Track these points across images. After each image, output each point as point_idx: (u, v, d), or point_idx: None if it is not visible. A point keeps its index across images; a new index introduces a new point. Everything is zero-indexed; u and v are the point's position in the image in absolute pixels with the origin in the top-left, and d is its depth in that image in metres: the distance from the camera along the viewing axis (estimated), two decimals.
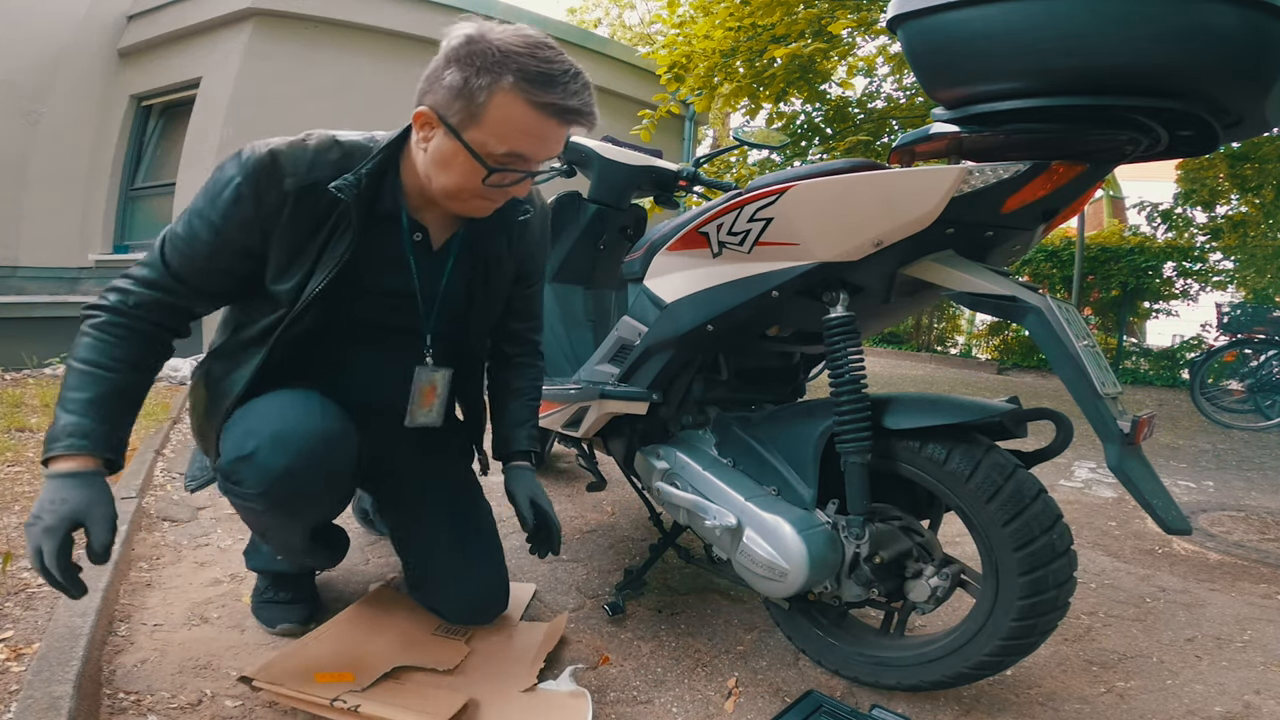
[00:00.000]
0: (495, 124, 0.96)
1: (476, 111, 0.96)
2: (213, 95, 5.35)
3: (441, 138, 0.99)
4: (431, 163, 1.02)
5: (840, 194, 1.05)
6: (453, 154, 0.99)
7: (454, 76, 0.95)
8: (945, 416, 1.07)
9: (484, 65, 0.93)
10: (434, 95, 0.98)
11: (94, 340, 1.02)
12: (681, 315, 1.29)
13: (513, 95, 0.94)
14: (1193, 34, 0.82)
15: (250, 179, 1.01)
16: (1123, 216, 9.73)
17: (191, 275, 1.06)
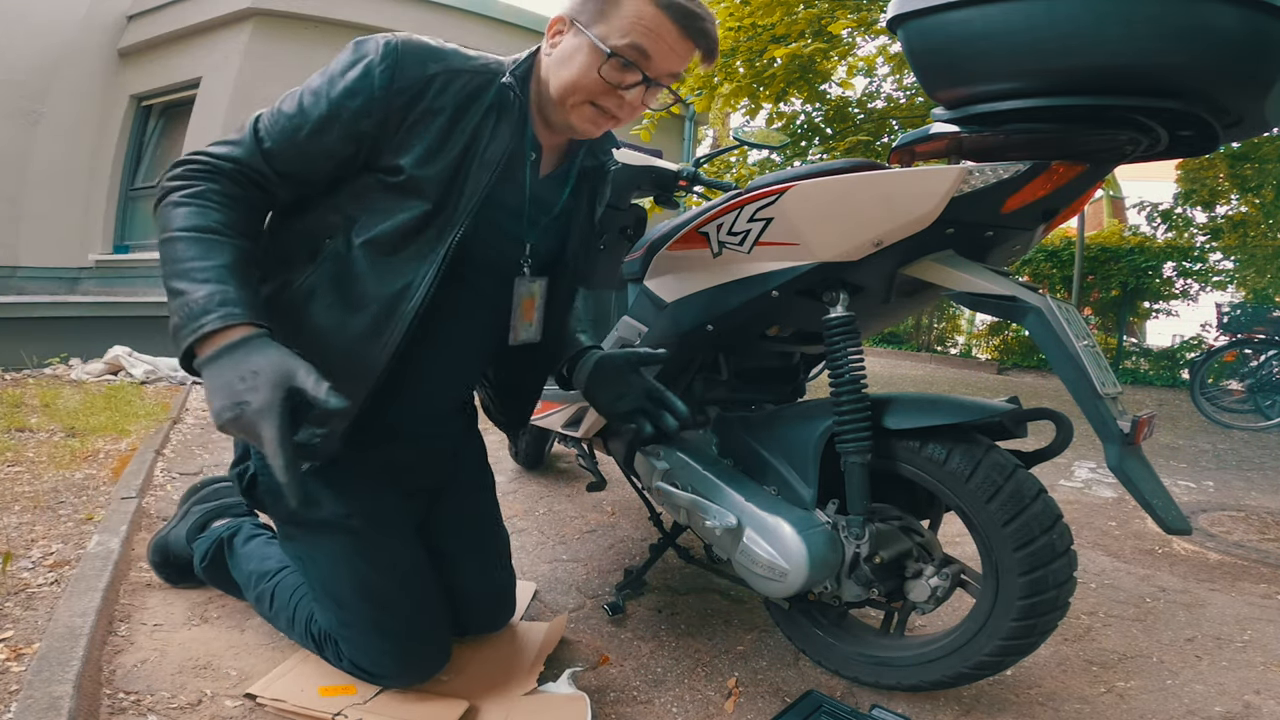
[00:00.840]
0: (620, 19, 0.98)
1: (605, 9, 0.98)
2: (213, 95, 5.36)
3: (570, 38, 1.01)
4: (555, 62, 1.03)
5: (840, 194, 1.05)
6: (576, 49, 1.01)
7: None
8: (945, 416, 1.07)
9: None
10: (571, 4, 1.01)
11: (197, 207, 0.92)
12: (681, 315, 1.29)
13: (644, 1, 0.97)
14: (1193, 34, 0.82)
15: (387, 57, 0.97)
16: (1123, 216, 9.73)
17: (285, 153, 0.99)
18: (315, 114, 0.97)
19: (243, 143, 0.98)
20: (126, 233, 6.12)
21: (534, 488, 2.33)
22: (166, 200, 0.94)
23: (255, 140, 0.98)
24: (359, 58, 0.98)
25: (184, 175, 0.95)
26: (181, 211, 0.92)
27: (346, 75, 0.97)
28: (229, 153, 0.97)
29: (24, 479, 2.02)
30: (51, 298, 4.93)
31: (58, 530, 1.65)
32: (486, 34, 6.00)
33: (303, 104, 0.98)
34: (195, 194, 0.93)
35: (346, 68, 0.98)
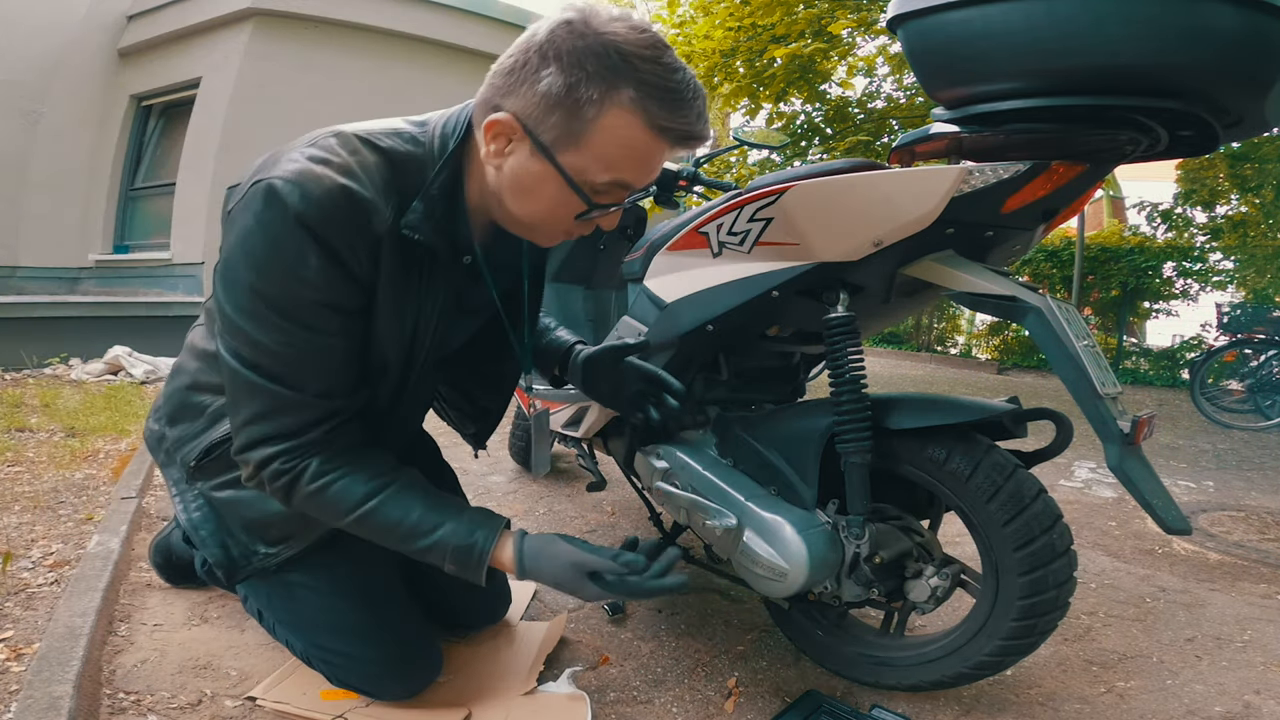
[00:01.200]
0: (602, 146, 0.77)
1: (580, 130, 0.76)
2: (213, 95, 5.36)
3: (526, 157, 0.80)
4: (509, 186, 0.83)
5: (840, 194, 1.05)
6: (541, 180, 0.80)
7: (554, 80, 0.74)
8: (945, 416, 1.07)
9: (597, 70, 0.73)
10: (520, 100, 0.77)
11: (340, 485, 0.87)
12: (681, 315, 1.28)
13: (630, 114, 0.75)
14: (1193, 34, 0.82)
15: (329, 228, 0.78)
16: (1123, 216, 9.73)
17: (339, 380, 0.87)
18: (322, 325, 0.84)
19: (285, 404, 0.86)
20: (126, 233, 6.12)
21: (534, 488, 2.33)
22: (297, 494, 0.89)
23: (295, 390, 0.86)
24: (295, 240, 0.78)
25: (288, 467, 0.88)
26: (327, 496, 0.88)
27: (303, 267, 0.80)
28: (290, 425, 0.87)
29: (24, 479, 2.01)
30: (51, 298, 4.93)
31: (58, 530, 1.65)
32: (487, 34, 6.00)
33: (286, 327, 0.83)
34: (318, 473, 0.88)
35: (291, 256, 0.79)
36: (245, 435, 0.87)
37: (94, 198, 6.03)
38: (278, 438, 0.86)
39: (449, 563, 0.91)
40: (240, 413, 0.86)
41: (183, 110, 5.66)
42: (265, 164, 0.82)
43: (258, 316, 0.81)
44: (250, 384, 0.83)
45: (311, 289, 0.80)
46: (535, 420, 1.25)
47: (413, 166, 0.86)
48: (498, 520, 0.94)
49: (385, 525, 0.89)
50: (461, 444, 1.37)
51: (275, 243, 0.78)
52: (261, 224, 0.78)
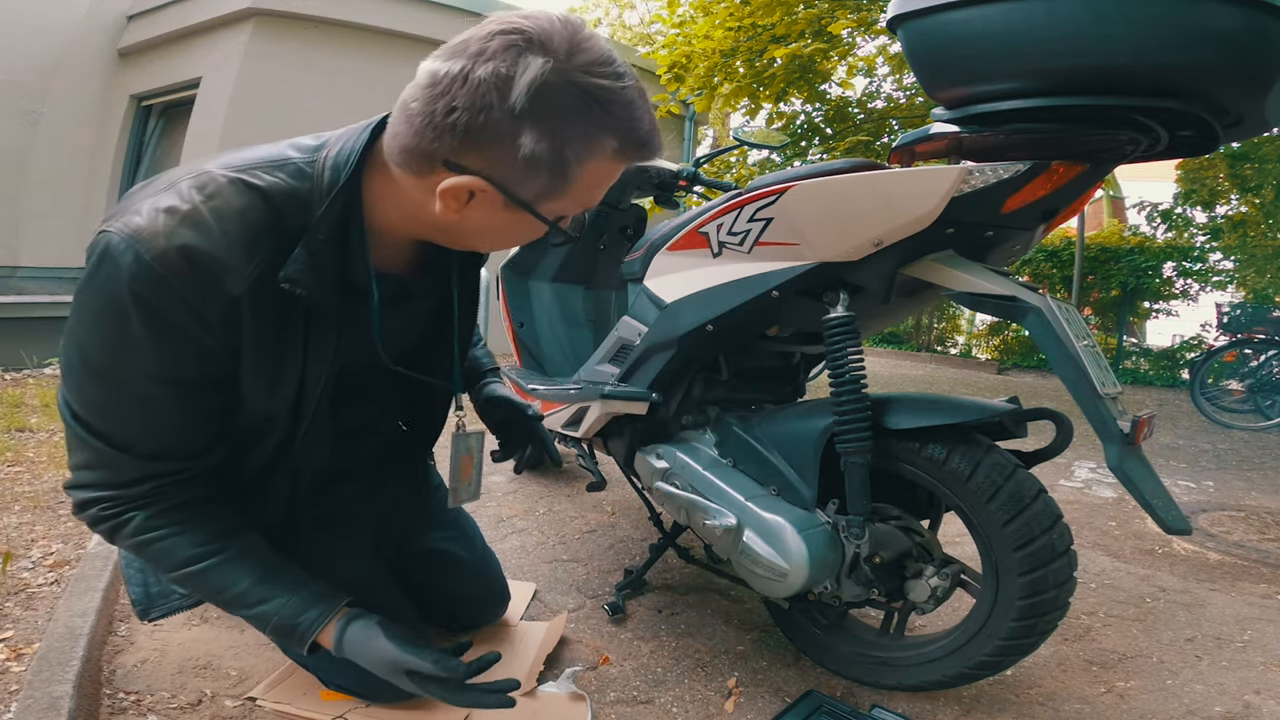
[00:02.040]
0: (580, 191, 0.77)
1: (563, 185, 0.75)
2: (213, 95, 5.36)
3: (499, 208, 0.77)
4: (472, 230, 0.81)
5: (840, 194, 1.05)
6: (513, 224, 0.79)
7: (536, 145, 0.70)
8: (945, 416, 1.07)
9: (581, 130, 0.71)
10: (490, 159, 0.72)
11: (164, 544, 0.85)
12: (681, 315, 1.29)
13: (611, 162, 0.76)
14: (1193, 34, 0.82)
15: (163, 297, 0.72)
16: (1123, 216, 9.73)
17: (174, 444, 0.83)
18: (156, 392, 0.79)
19: (113, 464, 0.82)
20: None
21: (534, 488, 2.33)
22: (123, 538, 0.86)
23: (120, 452, 0.83)
24: (128, 307, 0.73)
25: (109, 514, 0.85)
26: (157, 546, 0.85)
27: (134, 334, 0.74)
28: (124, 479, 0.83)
29: (24, 479, 2.02)
30: (51, 298, 4.92)
31: (58, 530, 1.65)
32: None
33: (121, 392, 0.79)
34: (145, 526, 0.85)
35: (124, 322, 0.73)
36: (72, 477, 0.85)
37: (94, 198, 6.03)
38: (99, 486, 0.83)
39: (270, 634, 0.90)
40: (70, 455, 0.84)
41: (183, 110, 5.66)
42: (123, 203, 0.77)
43: (84, 375, 0.78)
44: (76, 435, 0.81)
45: (138, 361, 0.75)
46: (456, 440, 1.13)
47: (293, 206, 0.78)
48: (332, 603, 0.90)
49: (211, 589, 0.88)
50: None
51: (102, 308, 0.73)
52: (93, 282, 0.73)
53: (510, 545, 1.82)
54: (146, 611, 1.04)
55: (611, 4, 16.03)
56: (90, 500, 0.84)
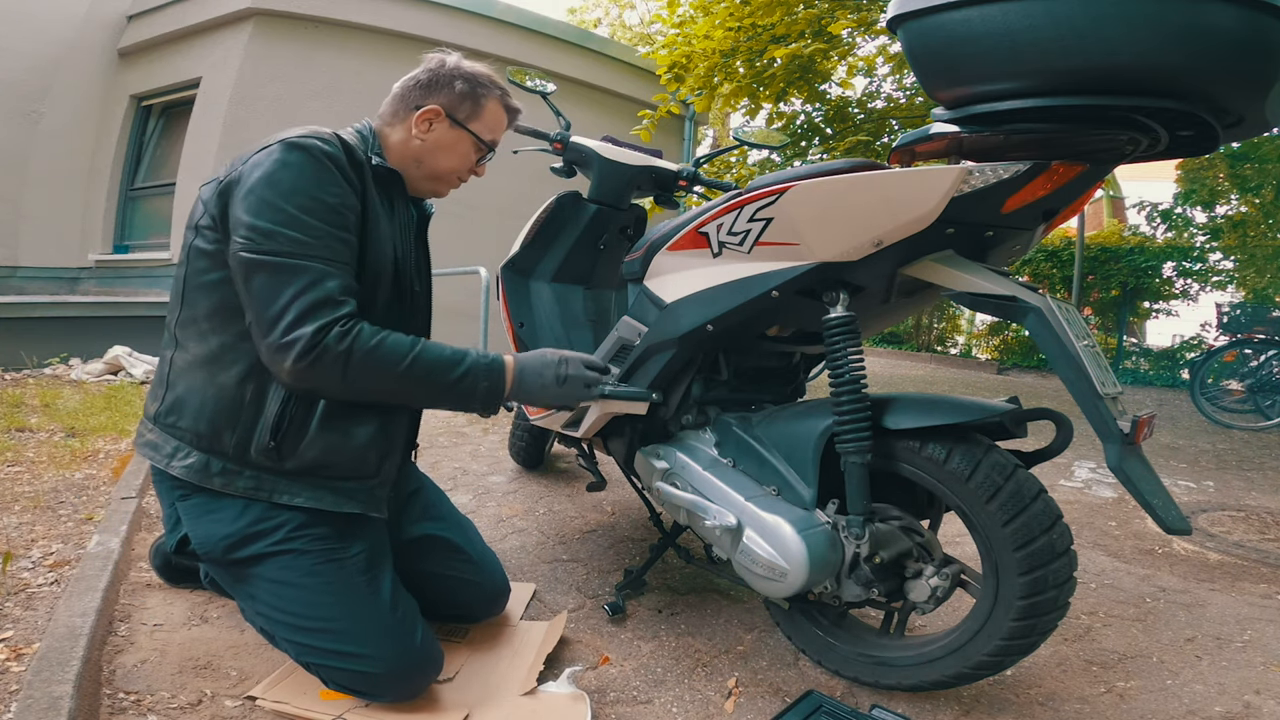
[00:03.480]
0: (487, 120, 1.27)
1: (477, 111, 1.26)
2: (213, 95, 5.36)
3: (446, 129, 1.24)
4: (431, 150, 1.24)
5: (840, 194, 1.05)
6: (456, 140, 1.25)
7: (463, 86, 1.23)
8: (945, 416, 1.07)
9: (482, 83, 1.25)
10: (442, 98, 1.23)
11: (391, 339, 1.06)
12: (681, 315, 1.29)
13: (497, 102, 1.28)
14: (1193, 34, 0.82)
15: (337, 158, 1.08)
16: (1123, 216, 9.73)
17: (350, 267, 1.09)
18: (335, 217, 1.08)
19: (324, 276, 1.04)
20: (126, 233, 6.12)
21: (534, 488, 2.33)
22: (349, 345, 1.03)
23: (329, 264, 1.06)
24: (313, 162, 1.06)
25: (344, 320, 1.03)
26: (384, 351, 1.05)
27: (318, 180, 1.06)
28: (332, 292, 1.04)
29: (24, 479, 2.02)
30: (51, 298, 4.93)
31: (58, 530, 1.65)
32: (487, 34, 5.99)
33: (308, 221, 1.04)
34: (365, 335, 1.04)
35: (309, 175, 1.05)
36: (296, 309, 0.99)
37: (94, 198, 6.03)
38: (330, 304, 1.01)
39: (479, 386, 1.11)
40: (284, 294, 1.00)
41: (183, 110, 5.66)
42: (242, 154, 1.09)
43: (293, 222, 1.02)
44: (294, 267, 1.00)
45: (332, 195, 1.06)
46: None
47: (359, 143, 1.19)
48: (498, 355, 1.16)
49: (431, 362, 1.07)
50: (461, 443, 1.38)
51: (302, 169, 1.04)
52: (286, 163, 1.04)
53: (510, 545, 1.83)
54: (231, 548, 1.10)
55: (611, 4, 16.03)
56: (330, 321, 1.01)
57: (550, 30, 6.48)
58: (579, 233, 1.87)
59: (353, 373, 1.02)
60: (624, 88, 6.83)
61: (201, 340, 1.09)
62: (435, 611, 1.28)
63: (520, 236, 1.93)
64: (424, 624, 1.14)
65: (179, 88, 5.70)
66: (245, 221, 1.01)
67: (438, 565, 1.29)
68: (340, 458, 1.11)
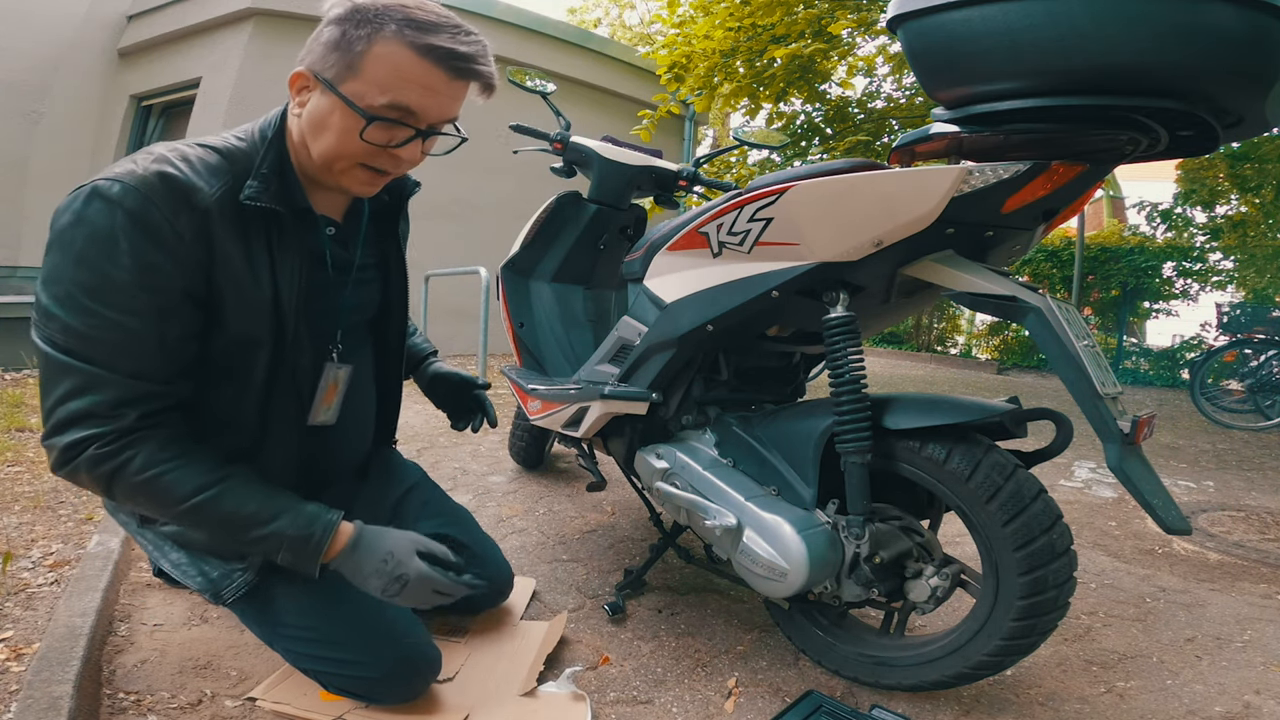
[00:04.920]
0: (376, 72, 0.88)
1: (354, 62, 0.88)
2: (213, 95, 5.35)
3: (318, 97, 0.92)
4: (308, 127, 0.94)
5: (840, 194, 1.05)
6: (329, 110, 0.91)
7: (332, 31, 0.89)
8: (945, 416, 1.07)
9: (363, 18, 0.88)
10: (310, 55, 0.92)
11: (172, 475, 0.88)
12: (681, 315, 1.29)
13: (395, 41, 0.88)
14: (1193, 34, 0.82)
15: (147, 210, 0.84)
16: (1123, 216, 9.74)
17: (153, 365, 0.88)
18: (137, 307, 0.86)
19: (97, 383, 0.86)
20: None
21: (534, 488, 2.33)
22: (106, 475, 0.87)
23: (111, 371, 0.87)
24: (112, 225, 0.84)
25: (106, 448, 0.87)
26: (154, 481, 0.88)
27: (119, 250, 0.84)
28: (102, 401, 0.86)
29: (24, 479, 2.02)
30: None
31: (58, 530, 1.65)
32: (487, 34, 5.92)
33: (102, 310, 0.85)
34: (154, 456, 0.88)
35: (108, 241, 0.84)
36: (56, 416, 0.86)
37: None
38: (92, 418, 0.85)
39: (285, 552, 0.93)
40: (51, 395, 0.86)
41: (183, 110, 5.66)
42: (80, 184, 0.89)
43: (71, 303, 0.84)
44: (63, 365, 0.85)
45: (125, 270, 0.84)
46: (326, 369, 1.19)
47: (240, 157, 0.95)
48: (337, 513, 0.97)
49: (221, 516, 0.90)
50: (461, 444, 1.38)
51: (93, 232, 0.84)
52: (80, 219, 0.84)
53: (510, 545, 1.82)
54: (218, 595, 1.06)
55: (612, 4, 16.03)
56: (82, 441, 0.85)
57: (550, 30, 6.48)
58: (579, 233, 1.88)
59: (121, 496, 0.89)
60: (624, 88, 6.83)
61: None
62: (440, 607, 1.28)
63: (520, 236, 1.93)
64: (419, 625, 1.14)
65: (179, 88, 5.70)
66: (38, 295, 0.86)
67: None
68: (192, 538, 1.04)
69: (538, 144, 1.92)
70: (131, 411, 0.87)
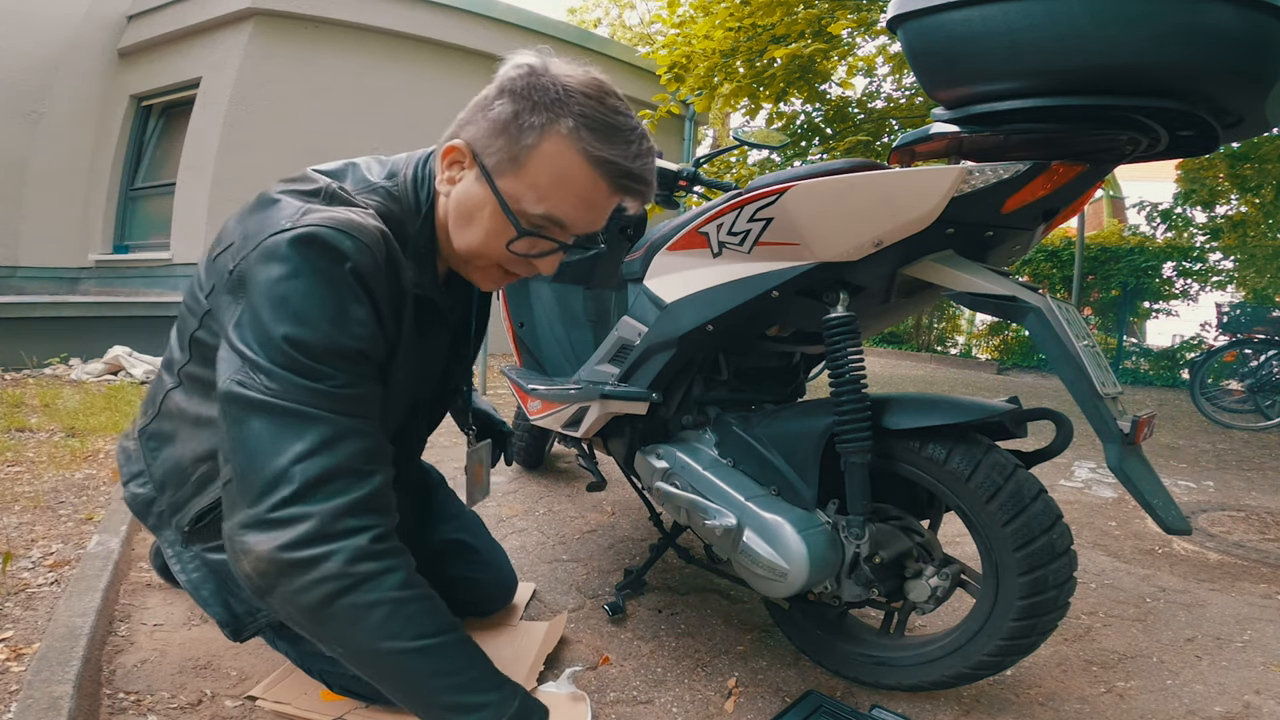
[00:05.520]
0: (539, 173, 0.81)
1: (520, 154, 0.81)
2: (213, 95, 5.36)
3: (472, 182, 0.85)
4: (455, 213, 0.87)
5: (840, 194, 1.05)
6: (480, 204, 0.85)
7: (504, 108, 0.80)
8: (945, 416, 1.07)
9: (542, 101, 0.79)
10: (474, 128, 0.83)
11: (411, 611, 0.74)
12: (681, 315, 1.28)
13: (568, 142, 0.80)
14: (1193, 34, 0.82)
15: (375, 281, 0.78)
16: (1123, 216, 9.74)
17: (378, 425, 0.81)
18: (361, 363, 0.79)
19: (355, 449, 0.75)
20: (126, 233, 6.12)
21: (534, 488, 2.33)
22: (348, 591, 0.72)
23: (361, 432, 0.77)
24: (338, 280, 0.76)
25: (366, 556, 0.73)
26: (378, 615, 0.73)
27: (347, 312, 0.77)
28: (364, 468, 0.75)
29: (24, 479, 2.01)
30: (51, 298, 4.93)
31: (58, 530, 1.65)
32: (487, 34, 6.00)
33: (334, 362, 0.76)
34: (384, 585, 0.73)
35: (338, 296, 0.76)
36: (302, 478, 0.70)
37: (94, 198, 6.03)
38: (359, 503, 0.72)
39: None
40: (283, 452, 0.71)
41: (183, 110, 5.66)
42: (261, 219, 0.80)
43: (302, 353, 0.74)
44: (300, 413, 0.72)
45: (354, 337, 0.77)
46: (471, 453, 1.20)
47: (394, 223, 0.87)
48: (515, 696, 0.81)
49: (433, 670, 0.75)
50: (461, 443, 1.39)
51: (320, 289, 0.75)
52: (297, 272, 0.74)
53: (510, 545, 1.82)
54: (238, 632, 0.99)
55: (612, 4, 16.03)
56: (354, 528, 0.71)
57: (550, 30, 6.48)
58: None
59: (325, 610, 0.71)
60: (624, 88, 6.69)
61: (190, 399, 0.94)
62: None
63: None
64: None
65: (179, 88, 5.70)
66: (240, 351, 0.75)
67: (450, 567, 1.29)
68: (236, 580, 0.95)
69: None
70: (384, 474, 0.77)
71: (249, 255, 0.77)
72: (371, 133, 5.60)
